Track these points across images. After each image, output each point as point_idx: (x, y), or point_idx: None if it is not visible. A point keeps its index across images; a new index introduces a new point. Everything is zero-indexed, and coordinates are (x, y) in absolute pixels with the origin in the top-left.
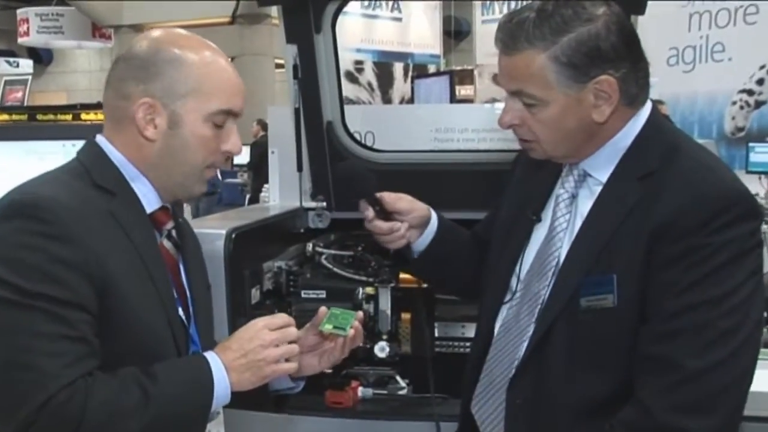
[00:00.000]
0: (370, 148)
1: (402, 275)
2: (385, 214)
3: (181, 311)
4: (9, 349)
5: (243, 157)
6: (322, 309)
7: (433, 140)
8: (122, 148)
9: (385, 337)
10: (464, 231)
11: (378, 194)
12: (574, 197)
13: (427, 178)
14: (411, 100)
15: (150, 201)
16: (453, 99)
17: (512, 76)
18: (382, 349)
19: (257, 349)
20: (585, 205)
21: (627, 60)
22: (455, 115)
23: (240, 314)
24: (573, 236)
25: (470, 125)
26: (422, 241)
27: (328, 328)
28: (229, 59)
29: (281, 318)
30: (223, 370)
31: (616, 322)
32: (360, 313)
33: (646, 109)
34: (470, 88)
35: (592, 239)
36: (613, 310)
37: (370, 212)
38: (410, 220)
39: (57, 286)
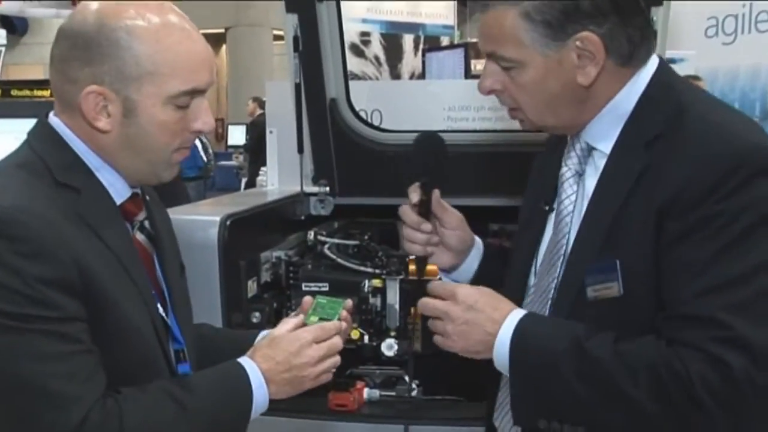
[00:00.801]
0: (377, 128)
1: (411, 267)
2: (427, 211)
3: (159, 307)
4: (18, 377)
5: (239, 137)
6: (307, 299)
7: (446, 119)
8: (79, 133)
9: (393, 333)
10: None
11: (433, 190)
12: (580, 175)
13: None
14: (422, 76)
15: (118, 191)
16: (468, 74)
17: (486, 35)
18: (389, 347)
19: (303, 366)
20: (592, 182)
21: (612, 14)
22: (470, 92)
23: (235, 308)
24: (581, 218)
25: (487, 103)
26: (465, 271)
27: (313, 320)
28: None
29: (330, 328)
30: (262, 382)
31: (625, 313)
32: (348, 301)
33: (651, 66)
34: None
35: (598, 219)
36: (620, 300)
37: (416, 196)
38: (448, 237)
39: (43, 307)
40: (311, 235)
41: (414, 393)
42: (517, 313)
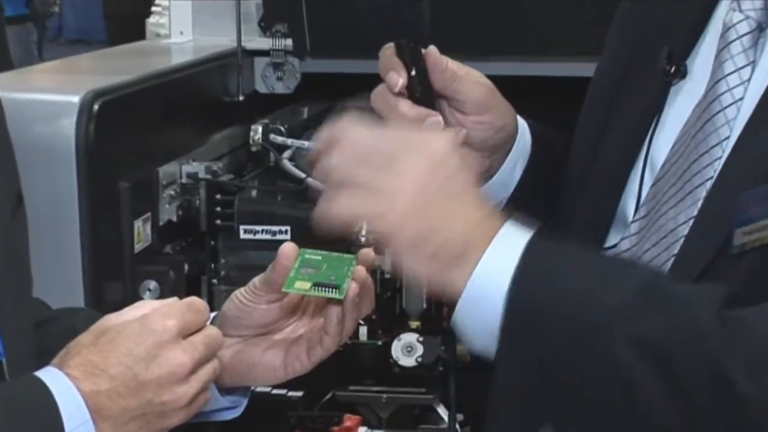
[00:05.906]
0: None
1: None
2: (426, 91)
3: None
4: None
5: None
6: (288, 247)
7: None
8: None
9: (415, 324)
10: None
11: (425, 49)
12: (761, 30)
13: None
14: None
15: None
16: None
17: None
18: (409, 349)
19: (165, 383)
20: None
21: None
22: None
23: (110, 274)
24: (751, 112)
25: None
26: (500, 183)
27: (302, 287)
28: None
29: (200, 308)
30: (87, 417)
31: None
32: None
33: None
34: None
35: None
36: None
37: (397, 77)
38: (474, 127)
39: None
40: (257, 132)
41: None
42: (516, 230)
